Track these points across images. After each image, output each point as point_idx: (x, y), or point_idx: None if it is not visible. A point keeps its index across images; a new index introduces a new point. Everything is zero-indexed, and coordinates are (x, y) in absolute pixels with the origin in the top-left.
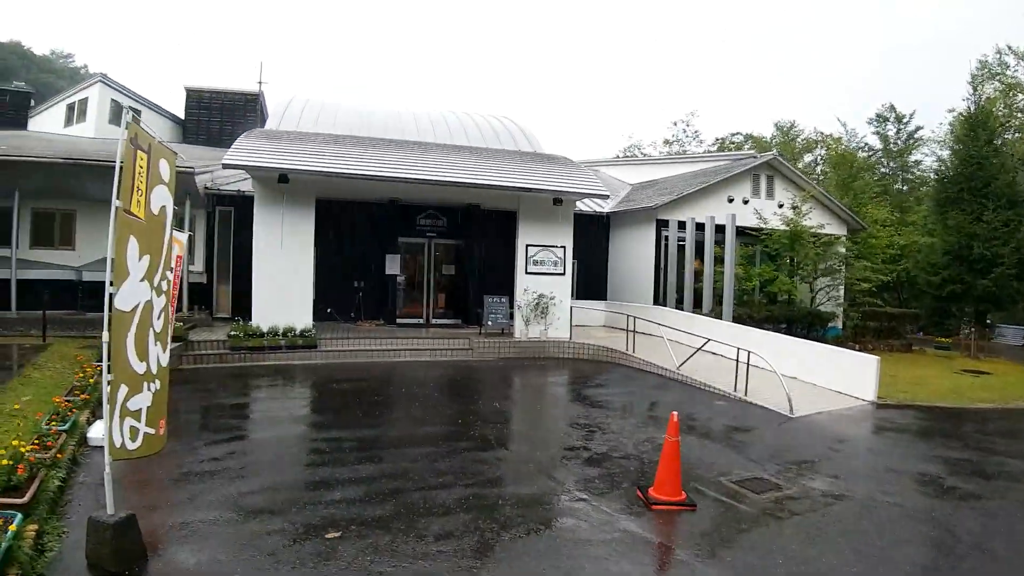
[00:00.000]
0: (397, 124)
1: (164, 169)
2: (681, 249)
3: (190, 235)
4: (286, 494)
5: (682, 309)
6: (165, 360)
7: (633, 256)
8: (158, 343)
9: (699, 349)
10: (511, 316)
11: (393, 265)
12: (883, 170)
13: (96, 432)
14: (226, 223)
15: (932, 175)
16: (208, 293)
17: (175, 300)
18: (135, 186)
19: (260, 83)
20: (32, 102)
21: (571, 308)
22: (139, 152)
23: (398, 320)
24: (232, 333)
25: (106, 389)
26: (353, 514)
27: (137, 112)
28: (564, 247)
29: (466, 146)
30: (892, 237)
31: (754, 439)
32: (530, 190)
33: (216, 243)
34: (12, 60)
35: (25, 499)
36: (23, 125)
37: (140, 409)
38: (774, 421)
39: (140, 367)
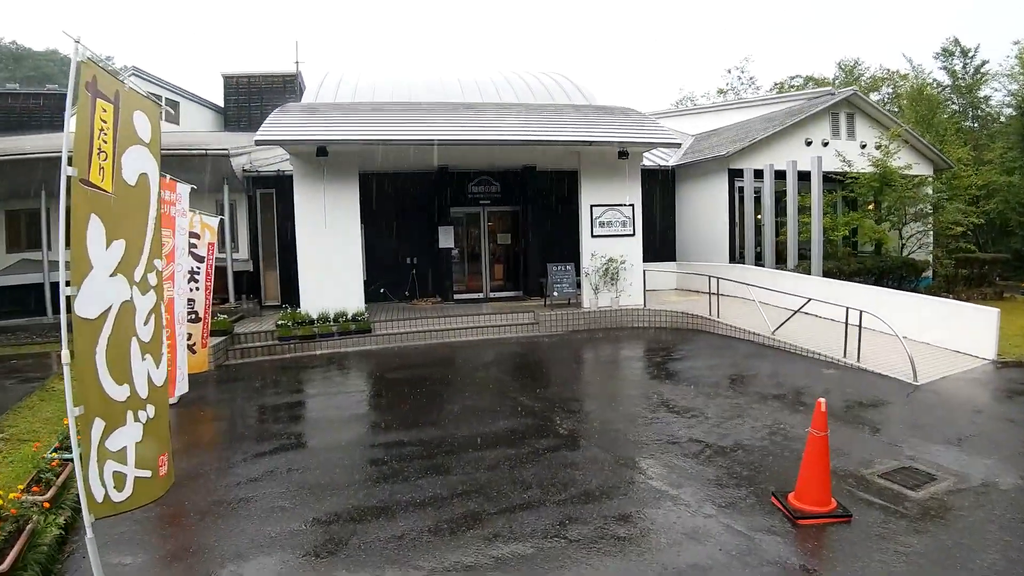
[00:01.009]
0: (442, 89)
1: (142, 125)
2: (758, 200)
3: (221, 219)
4: (337, 529)
5: (762, 266)
6: (161, 378)
7: (704, 211)
8: (148, 357)
9: (799, 310)
10: (578, 284)
11: (446, 238)
12: (953, 107)
13: None
14: (268, 206)
15: (1007, 110)
16: (255, 281)
17: (209, 292)
18: (95, 148)
19: (297, 63)
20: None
21: (644, 272)
22: (100, 102)
23: (455, 296)
24: (280, 322)
25: (73, 428)
26: (422, 558)
27: (175, 103)
28: (632, 205)
29: (517, 103)
30: (970, 177)
31: (884, 416)
32: (592, 143)
33: (260, 228)
34: (50, 67)
35: (4, 566)
36: (61, 127)
37: (125, 448)
38: (899, 391)
39: (119, 392)
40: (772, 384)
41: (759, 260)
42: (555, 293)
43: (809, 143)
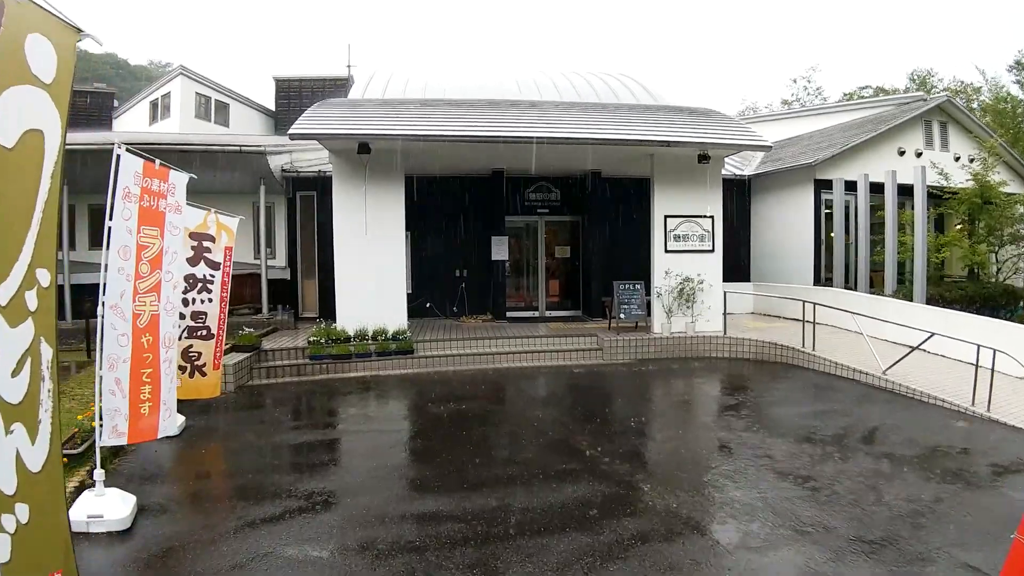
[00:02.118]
0: (497, 89)
1: (41, 55)
2: (853, 215)
3: (241, 219)
4: None
5: (852, 290)
6: (39, 459)
7: (784, 226)
8: (17, 428)
9: (918, 347)
10: (647, 306)
11: (500, 249)
12: None
13: (83, 510)
14: (308, 209)
15: None
16: (292, 290)
17: (225, 303)
18: None
19: (349, 66)
20: (116, 103)
21: (724, 293)
22: None
23: (507, 314)
24: (312, 339)
25: None
26: None
27: (225, 105)
28: (712, 217)
29: (580, 102)
30: None
31: None
32: (671, 143)
33: (299, 233)
34: (108, 71)
35: None
36: (107, 126)
37: None
38: None
39: None
40: (900, 441)
41: (849, 283)
42: (621, 315)
43: (902, 153)
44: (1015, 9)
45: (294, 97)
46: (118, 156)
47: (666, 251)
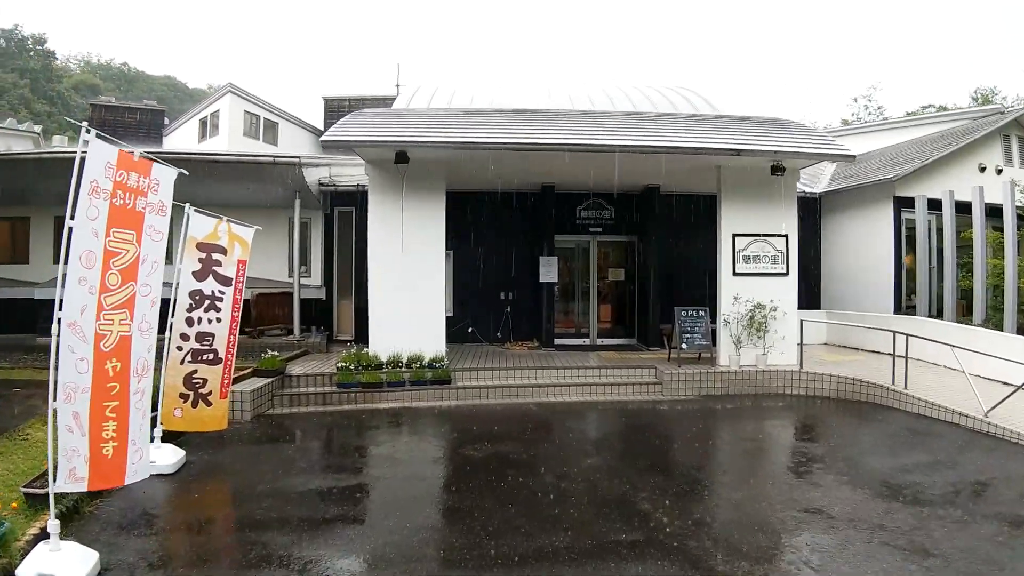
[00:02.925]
0: (548, 98)
1: None
2: (936, 236)
3: (257, 229)
4: None
5: (939, 318)
6: None
7: (859, 248)
8: None
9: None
10: (712, 335)
11: (549, 271)
12: None
13: (34, 567)
14: (346, 226)
15: None
16: (327, 311)
17: (236, 324)
18: None
19: (398, 85)
20: (166, 120)
21: (801, 322)
22: None
23: (555, 341)
24: (341, 364)
25: None
26: None
27: (274, 124)
28: (786, 236)
29: (637, 111)
30: None
31: None
32: (741, 152)
33: (336, 250)
34: (165, 92)
35: None
36: (158, 143)
37: None
38: None
39: None
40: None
41: (935, 311)
42: (683, 345)
43: (983, 169)
44: None
45: (343, 115)
46: (85, 142)
47: (734, 274)
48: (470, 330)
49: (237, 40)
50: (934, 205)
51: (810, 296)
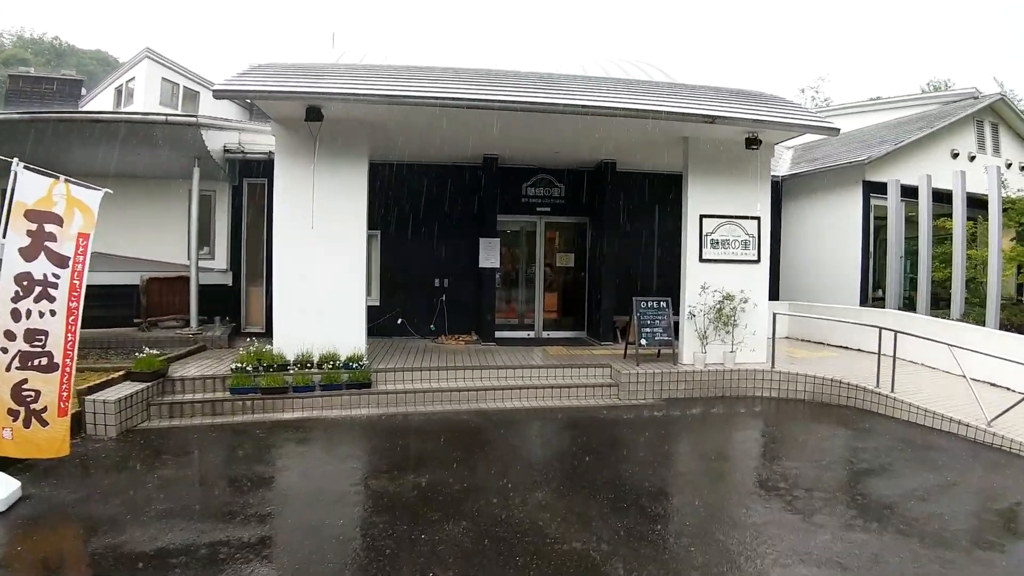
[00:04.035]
0: (493, 66)
1: None
2: (909, 224)
3: (107, 192)
4: None
5: (908, 311)
6: None
7: (824, 236)
8: None
9: None
10: (675, 329)
11: (489, 255)
12: None
13: None
14: (257, 201)
15: None
16: (234, 299)
17: (76, 318)
18: None
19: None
20: (84, 91)
21: (774, 316)
22: None
23: (497, 334)
24: (237, 365)
25: None
26: None
27: (195, 93)
28: (758, 219)
29: (594, 76)
30: None
31: None
32: (716, 119)
33: (245, 229)
34: (95, 66)
35: None
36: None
37: None
38: None
39: None
40: None
41: (907, 303)
42: (643, 341)
43: (955, 155)
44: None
45: None
46: None
47: (701, 260)
48: (399, 322)
49: (172, 13)
50: (906, 192)
51: (769, 286)
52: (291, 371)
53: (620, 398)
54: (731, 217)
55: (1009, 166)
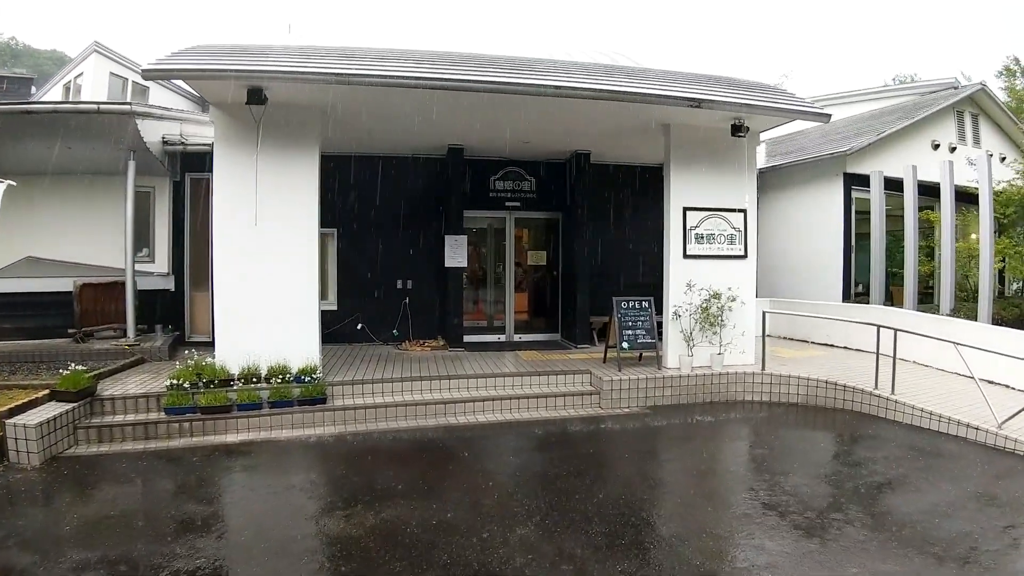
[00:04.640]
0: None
1: None
2: (894, 219)
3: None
4: None
5: (898, 307)
6: None
7: (803, 230)
8: None
9: None
10: (658, 330)
11: (456, 253)
12: None
13: None
14: (201, 197)
15: None
16: (177, 306)
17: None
18: None
19: None
20: (34, 88)
21: (764, 315)
22: None
23: (465, 338)
24: (173, 382)
25: None
26: None
27: (144, 88)
28: (744, 211)
29: (555, 60)
30: None
31: None
32: (703, 103)
33: (188, 230)
34: (50, 67)
35: None
36: None
37: None
38: None
39: None
40: None
41: (889, 299)
42: (624, 344)
43: (936, 146)
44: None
45: None
46: None
47: (685, 256)
48: (359, 327)
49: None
50: (888, 184)
51: None
52: (235, 386)
53: (603, 407)
54: (716, 210)
55: (990, 156)
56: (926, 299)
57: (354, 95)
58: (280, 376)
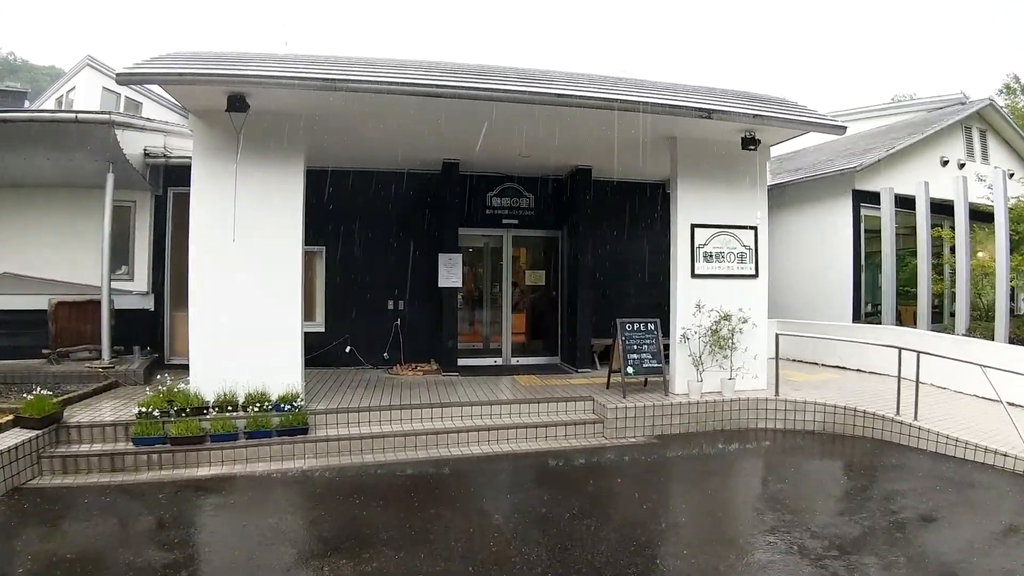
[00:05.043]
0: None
1: None
2: (906, 237)
3: None
4: None
5: (907, 327)
6: None
7: (811, 249)
8: None
9: None
10: (664, 353)
11: (451, 272)
12: None
13: None
14: (184, 214)
15: None
16: (156, 327)
17: None
18: None
19: None
20: (28, 102)
21: (777, 337)
22: None
23: (459, 360)
24: (142, 410)
25: None
26: None
27: (137, 104)
28: (755, 228)
29: (558, 71)
30: None
31: None
32: (713, 113)
33: (170, 246)
34: (47, 83)
35: None
36: None
37: None
38: None
39: None
40: None
41: (900, 319)
42: (629, 369)
43: (945, 163)
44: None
45: None
46: None
47: (693, 275)
48: (347, 350)
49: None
50: (907, 203)
51: None
52: (209, 415)
53: (607, 436)
54: (725, 227)
55: (1005, 174)
56: (936, 319)
57: (342, 104)
58: (258, 404)
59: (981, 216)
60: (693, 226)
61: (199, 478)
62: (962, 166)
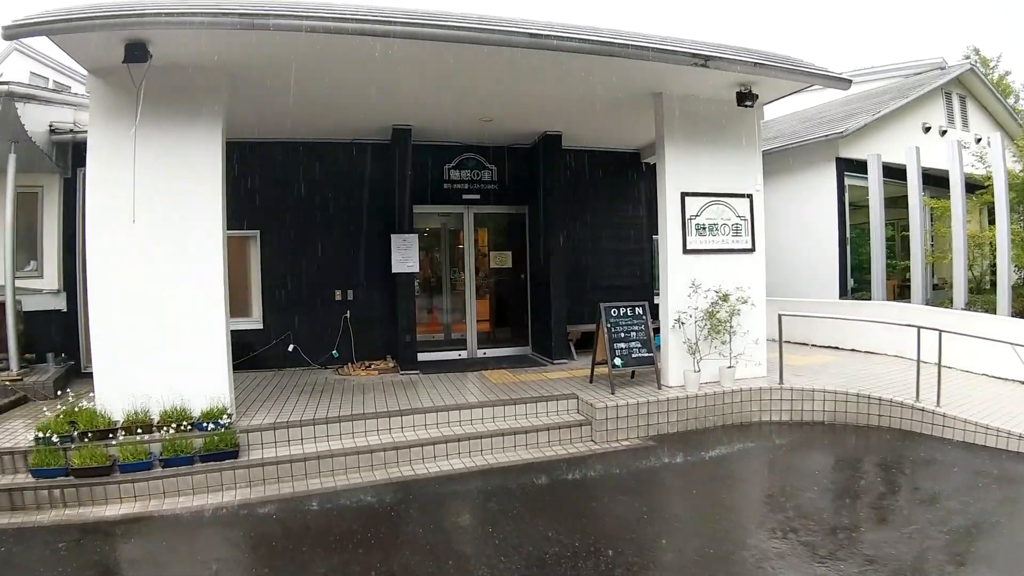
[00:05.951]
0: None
1: None
2: (894, 203)
3: None
4: None
5: (903, 301)
6: None
7: (791, 221)
8: None
9: None
10: (655, 341)
11: (406, 256)
12: None
13: None
14: None
15: None
16: (71, 330)
17: None
18: None
19: None
20: None
21: (780, 318)
22: None
23: (419, 355)
24: (40, 435)
25: None
26: None
27: (65, 87)
28: (751, 196)
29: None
30: None
31: None
32: (709, 60)
33: (81, 235)
34: None
35: None
36: None
37: None
38: None
39: None
40: None
41: (896, 291)
42: (616, 360)
43: (927, 129)
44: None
45: None
46: None
47: (685, 251)
48: (290, 348)
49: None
50: (898, 173)
51: None
52: (119, 438)
53: (596, 441)
54: (719, 195)
55: (979, 141)
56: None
57: (267, 51)
58: (176, 423)
59: (967, 186)
60: (683, 195)
61: (107, 520)
62: (944, 133)
